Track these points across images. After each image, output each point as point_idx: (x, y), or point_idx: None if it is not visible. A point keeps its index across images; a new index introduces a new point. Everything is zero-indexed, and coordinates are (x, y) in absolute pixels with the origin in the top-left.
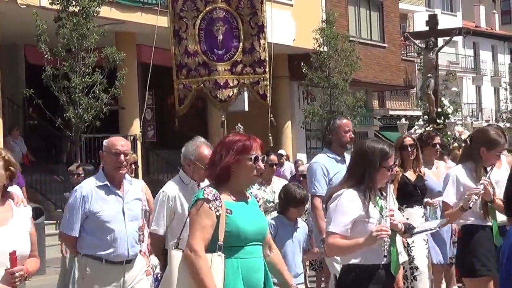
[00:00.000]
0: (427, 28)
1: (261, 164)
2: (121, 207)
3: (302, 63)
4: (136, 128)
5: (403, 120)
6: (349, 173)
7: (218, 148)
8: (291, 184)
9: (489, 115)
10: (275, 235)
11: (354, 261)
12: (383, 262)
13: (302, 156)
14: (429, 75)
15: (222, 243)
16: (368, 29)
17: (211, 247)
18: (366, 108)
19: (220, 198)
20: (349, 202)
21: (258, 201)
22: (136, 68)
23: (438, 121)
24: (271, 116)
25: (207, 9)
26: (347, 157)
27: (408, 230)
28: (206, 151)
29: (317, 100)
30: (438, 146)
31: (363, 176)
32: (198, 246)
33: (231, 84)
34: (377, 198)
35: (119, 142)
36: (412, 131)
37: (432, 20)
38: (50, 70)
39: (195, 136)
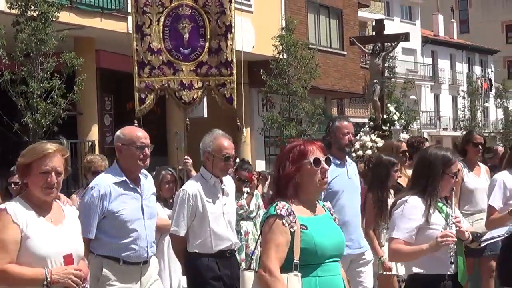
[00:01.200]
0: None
1: (325, 166)
2: (140, 204)
3: (261, 70)
4: (94, 133)
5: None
6: (413, 181)
7: (277, 161)
8: None
9: (447, 123)
10: None
11: (418, 270)
12: (449, 272)
13: (261, 163)
14: (375, 80)
15: (298, 261)
16: (328, 36)
17: (286, 266)
18: (325, 116)
19: (293, 213)
20: (413, 209)
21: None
22: (95, 73)
23: (384, 127)
24: (238, 120)
25: (173, 5)
26: (349, 160)
27: (476, 239)
28: (225, 142)
29: (276, 107)
30: None
31: (426, 183)
32: (273, 266)
33: (196, 86)
34: (442, 205)
35: (143, 134)
36: (357, 137)
37: (378, 25)
38: (8, 74)
39: (212, 130)
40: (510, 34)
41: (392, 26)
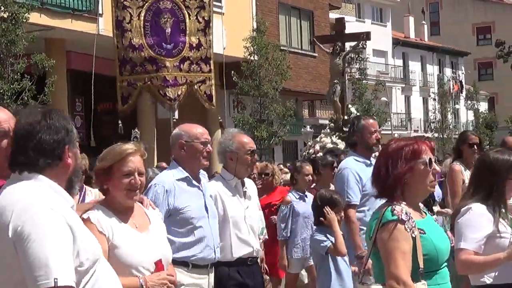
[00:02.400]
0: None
1: (436, 167)
2: (203, 202)
3: (232, 72)
4: None
5: (307, 128)
6: (474, 187)
7: (382, 160)
8: (323, 190)
9: (417, 125)
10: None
11: (487, 280)
12: None
13: None
14: (335, 81)
15: (423, 269)
16: (299, 38)
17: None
18: (296, 117)
19: (411, 217)
20: (480, 217)
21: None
22: (65, 74)
23: (344, 129)
24: (220, 118)
25: None
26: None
27: None
28: (245, 137)
29: (247, 109)
30: None
31: (490, 190)
32: (406, 276)
33: (180, 82)
34: (507, 211)
35: (204, 131)
36: (318, 139)
37: (338, 24)
38: None
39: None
40: (480, 36)
41: (363, 28)
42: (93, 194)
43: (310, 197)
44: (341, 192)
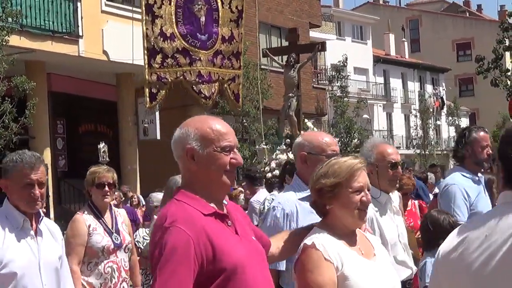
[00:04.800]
0: (338, 57)
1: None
2: None
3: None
4: (47, 157)
5: (262, 145)
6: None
7: None
8: (435, 212)
9: (399, 141)
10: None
11: None
12: None
13: None
14: (290, 94)
15: None
16: (279, 57)
17: None
18: (278, 136)
19: None
20: None
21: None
22: (46, 97)
23: None
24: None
25: None
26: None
27: None
28: (389, 147)
29: None
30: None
31: None
32: None
33: (214, 78)
34: None
35: (332, 141)
36: (274, 156)
37: (291, 35)
38: None
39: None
40: (460, 52)
41: (344, 46)
42: (121, 215)
43: None
44: (447, 210)
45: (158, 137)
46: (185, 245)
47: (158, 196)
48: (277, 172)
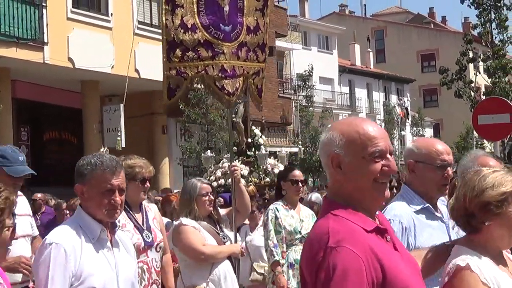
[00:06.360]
0: (304, 66)
1: None
2: (447, 238)
3: (179, 100)
4: None
5: (208, 153)
6: None
7: None
8: None
9: None
10: None
11: None
12: None
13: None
14: (238, 100)
15: None
16: None
17: None
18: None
19: None
20: None
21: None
22: (10, 104)
23: (248, 153)
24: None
25: None
26: None
27: None
28: (491, 161)
29: (195, 137)
30: None
31: None
32: None
33: (238, 73)
34: None
35: (445, 149)
36: (220, 165)
37: None
38: None
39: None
40: (425, 63)
41: (310, 56)
42: (153, 211)
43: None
44: None
45: (123, 145)
46: (357, 269)
47: None
48: (222, 181)
